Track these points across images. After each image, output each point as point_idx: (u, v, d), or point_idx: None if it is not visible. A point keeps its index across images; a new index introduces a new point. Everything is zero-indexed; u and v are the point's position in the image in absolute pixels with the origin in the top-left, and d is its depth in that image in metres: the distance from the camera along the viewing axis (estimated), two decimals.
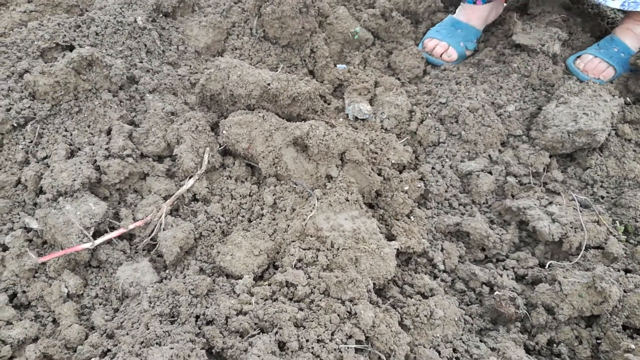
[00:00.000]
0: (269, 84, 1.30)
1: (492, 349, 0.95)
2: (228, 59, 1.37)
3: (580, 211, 1.20)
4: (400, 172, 1.29)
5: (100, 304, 1.09)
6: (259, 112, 1.30)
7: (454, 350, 0.96)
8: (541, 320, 1.01)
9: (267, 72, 1.36)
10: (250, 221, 1.22)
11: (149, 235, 1.16)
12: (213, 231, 1.19)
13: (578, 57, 1.58)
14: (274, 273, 1.08)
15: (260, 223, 1.20)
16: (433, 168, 1.32)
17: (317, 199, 1.17)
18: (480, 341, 0.99)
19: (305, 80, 1.45)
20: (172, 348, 0.76)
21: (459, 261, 1.16)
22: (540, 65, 1.49)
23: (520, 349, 0.94)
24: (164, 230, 1.15)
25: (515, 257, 1.15)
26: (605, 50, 1.56)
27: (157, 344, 0.83)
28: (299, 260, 1.06)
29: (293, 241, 1.10)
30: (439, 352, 0.94)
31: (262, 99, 1.33)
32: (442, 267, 1.15)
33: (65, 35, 1.41)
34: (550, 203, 1.22)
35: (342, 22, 1.67)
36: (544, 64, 1.49)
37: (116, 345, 0.95)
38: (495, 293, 1.03)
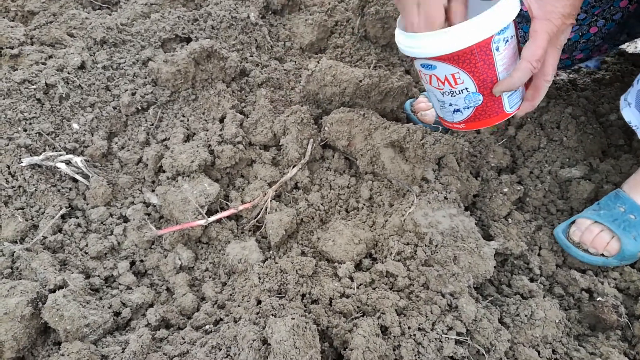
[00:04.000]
0: (360, 81, 1.35)
1: (592, 354, 0.95)
2: (325, 61, 1.43)
3: None
4: (499, 175, 1.30)
5: (209, 277, 1.18)
6: (360, 110, 1.35)
7: (554, 352, 0.97)
8: None
9: (360, 70, 1.40)
10: (347, 212, 1.28)
11: (255, 218, 1.24)
12: (313, 218, 1.25)
13: (572, 222, 1.17)
14: (372, 264, 1.13)
15: (357, 214, 1.25)
16: (531, 172, 1.32)
17: (416, 195, 1.20)
18: (580, 345, 0.99)
19: (398, 76, 1.48)
20: (293, 318, 0.82)
21: (556, 267, 1.16)
22: None
23: (622, 356, 0.94)
24: (269, 213, 1.22)
25: (618, 271, 1.14)
26: (607, 212, 1.14)
27: (273, 315, 0.90)
28: (398, 254, 1.10)
29: (391, 235, 1.14)
30: (539, 352, 0.96)
31: (355, 96, 1.38)
32: (538, 271, 1.15)
33: (184, 28, 1.52)
34: None
35: None
36: None
37: (228, 315, 1.03)
38: (597, 299, 1.03)
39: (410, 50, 0.89)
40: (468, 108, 0.95)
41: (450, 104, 0.96)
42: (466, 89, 0.90)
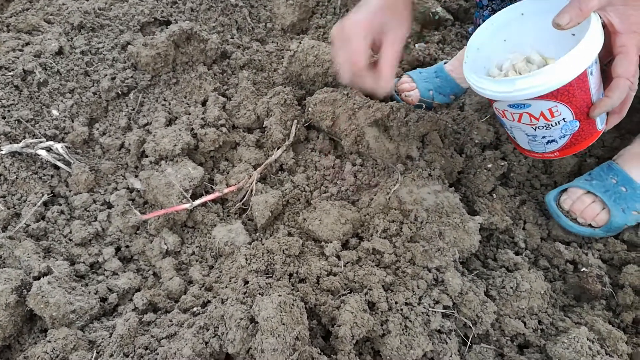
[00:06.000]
0: None
1: (577, 324, 0.97)
2: (307, 41, 1.42)
3: None
4: (483, 151, 1.31)
5: (196, 261, 1.17)
6: (343, 90, 1.34)
7: (539, 322, 0.98)
8: (628, 300, 1.01)
9: None
10: (332, 193, 1.27)
11: (241, 200, 1.24)
12: (299, 199, 1.25)
13: (564, 190, 1.19)
14: (358, 243, 1.13)
15: (343, 195, 1.25)
16: (515, 148, 1.33)
17: (400, 173, 1.21)
18: (565, 316, 1.00)
19: None
20: (280, 295, 0.83)
21: (541, 240, 1.17)
22: None
23: (606, 324, 0.95)
24: (254, 195, 1.22)
25: (602, 242, 1.15)
26: (599, 182, 1.15)
27: (260, 294, 0.90)
28: (384, 231, 1.10)
29: (377, 213, 1.14)
30: (525, 323, 0.97)
31: (338, 76, 1.37)
32: (523, 245, 1.16)
33: (163, 11, 1.50)
34: None
35: (423, 2, 1.69)
36: None
37: (215, 297, 1.02)
38: (582, 269, 1.04)
39: (502, 95, 0.86)
40: (564, 137, 0.93)
41: (544, 137, 0.94)
42: (563, 119, 0.88)
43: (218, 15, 1.51)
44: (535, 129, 0.93)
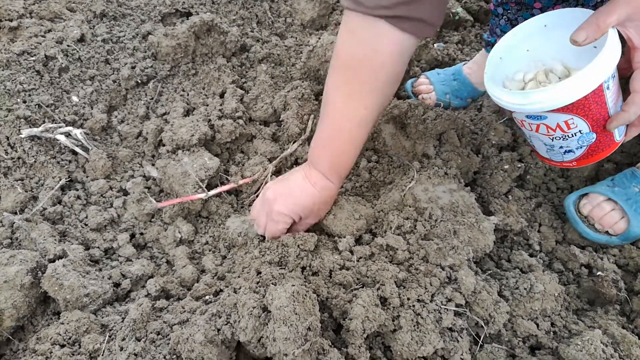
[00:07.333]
0: None
1: (591, 327, 0.96)
2: (326, 36, 1.42)
3: None
4: (500, 152, 1.30)
5: (209, 251, 1.18)
6: None
7: (552, 325, 0.97)
8: None
9: None
10: (347, 189, 1.27)
11: (255, 192, 1.24)
12: None
13: (584, 195, 1.17)
14: (372, 238, 1.13)
15: (358, 190, 1.25)
16: (532, 151, 1.32)
17: (416, 171, 1.20)
18: (579, 319, 0.99)
19: None
20: (293, 285, 0.83)
21: (556, 243, 1.16)
22: None
23: (620, 328, 0.94)
24: None
25: (618, 247, 1.14)
26: (622, 189, 1.13)
27: (273, 284, 0.90)
28: (398, 228, 1.10)
29: (391, 210, 1.14)
30: (537, 325, 0.96)
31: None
32: (537, 247, 1.15)
33: (184, 2, 1.51)
34: None
35: None
36: None
37: (228, 286, 1.03)
38: (597, 273, 1.03)
39: (517, 107, 0.87)
40: (581, 148, 0.93)
41: (561, 147, 0.94)
42: (580, 131, 0.88)
43: (239, 9, 1.52)
44: (552, 139, 0.93)
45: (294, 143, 1.31)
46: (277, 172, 1.30)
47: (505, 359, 0.93)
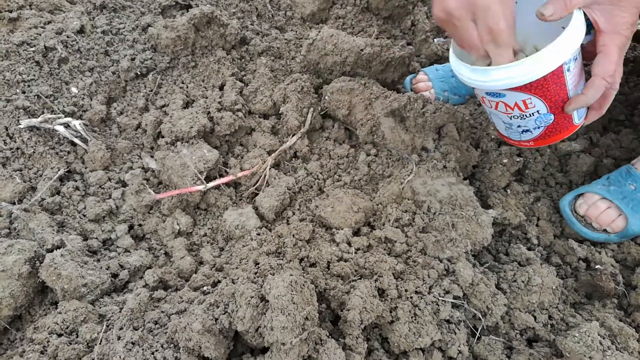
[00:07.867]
0: (362, 50, 1.34)
1: (588, 320, 0.96)
2: (326, 29, 1.42)
3: None
4: (499, 146, 1.30)
5: (207, 242, 1.18)
6: (360, 80, 1.34)
7: (550, 317, 0.97)
8: None
9: (362, 39, 1.39)
10: (346, 182, 1.27)
11: (254, 185, 1.24)
12: (311, 187, 1.25)
13: (580, 195, 1.17)
14: (370, 231, 1.13)
15: (357, 184, 1.25)
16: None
17: (415, 164, 1.20)
18: (576, 312, 0.99)
19: (400, 46, 1.46)
20: (291, 275, 0.83)
21: (554, 237, 1.16)
22: None
23: (617, 321, 0.94)
24: (262, 191, 1.21)
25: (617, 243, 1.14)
26: (617, 188, 1.13)
27: (271, 274, 0.90)
28: (396, 220, 1.10)
29: (390, 203, 1.14)
30: (535, 317, 0.96)
31: (356, 65, 1.36)
32: (535, 241, 1.15)
33: None
34: None
35: None
36: None
37: (226, 277, 1.03)
38: (596, 267, 1.04)
39: (477, 83, 0.86)
40: (538, 128, 0.93)
41: (519, 126, 0.95)
42: (537, 111, 0.89)
43: (239, 1, 1.52)
44: (510, 118, 0.94)
45: (293, 136, 1.31)
46: (276, 165, 1.30)
47: (503, 351, 0.93)
